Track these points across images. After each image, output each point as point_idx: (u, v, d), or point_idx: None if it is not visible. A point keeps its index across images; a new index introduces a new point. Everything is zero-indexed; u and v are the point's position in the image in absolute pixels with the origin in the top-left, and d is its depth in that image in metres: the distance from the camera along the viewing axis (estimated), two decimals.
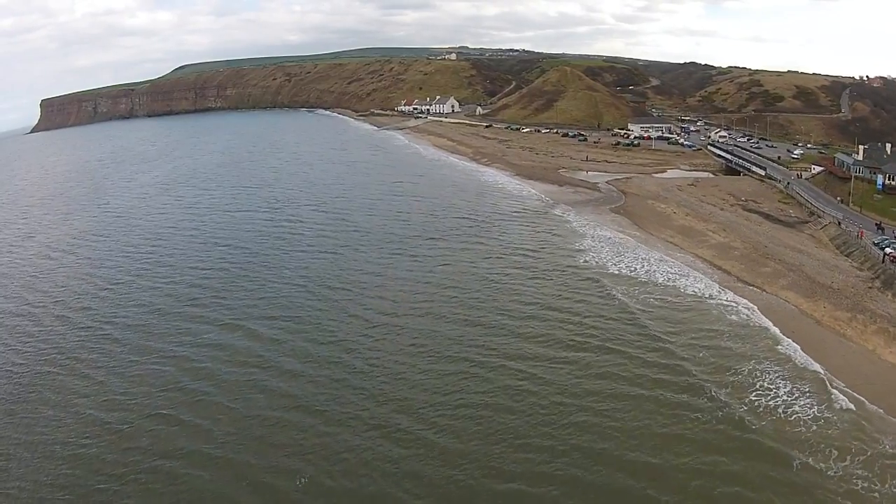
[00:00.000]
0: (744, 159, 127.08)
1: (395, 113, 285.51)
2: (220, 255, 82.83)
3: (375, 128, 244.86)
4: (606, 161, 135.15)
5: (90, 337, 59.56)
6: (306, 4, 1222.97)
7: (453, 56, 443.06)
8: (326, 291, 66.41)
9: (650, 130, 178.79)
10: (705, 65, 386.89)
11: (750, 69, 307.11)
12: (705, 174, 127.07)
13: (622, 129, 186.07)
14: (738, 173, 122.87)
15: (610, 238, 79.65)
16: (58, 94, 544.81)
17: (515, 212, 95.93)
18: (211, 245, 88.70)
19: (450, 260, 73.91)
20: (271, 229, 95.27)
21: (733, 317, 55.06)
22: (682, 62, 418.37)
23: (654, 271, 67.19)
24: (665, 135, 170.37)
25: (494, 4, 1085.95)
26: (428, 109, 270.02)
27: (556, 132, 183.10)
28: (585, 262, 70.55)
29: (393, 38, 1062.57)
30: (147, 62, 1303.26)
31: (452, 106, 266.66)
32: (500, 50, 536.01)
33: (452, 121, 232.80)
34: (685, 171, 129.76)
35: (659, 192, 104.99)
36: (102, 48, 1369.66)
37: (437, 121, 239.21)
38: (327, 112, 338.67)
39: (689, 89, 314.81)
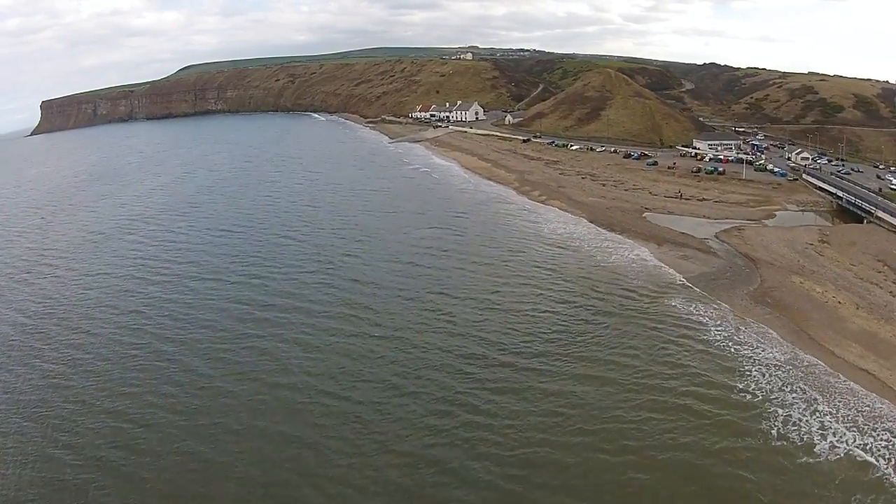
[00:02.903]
0: (860, 198, 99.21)
1: (410, 120, 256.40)
2: (153, 390, 52.58)
3: (388, 138, 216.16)
4: (697, 199, 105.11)
5: None
6: (313, 4, 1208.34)
7: (469, 56, 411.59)
8: None
9: (719, 149, 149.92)
10: (725, 65, 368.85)
11: (779, 71, 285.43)
12: (818, 218, 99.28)
13: (686, 146, 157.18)
14: (856, 216, 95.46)
15: (781, 365, 50.75)
16: (59, 96, 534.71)
17: (617, 297, 65.94)
18: (146, 360, 58.39)
19: (545, 420, 44.62)
20: (245, 328, 63.35)
21: None
22: (700, 63, 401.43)
23: (881, 449, 40.15)
24: (746, 156, 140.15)
25: (502, 4, 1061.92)
26: (448, 116, 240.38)
27: (615, 151, 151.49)
28: (778, 434, 41.60)
29: (401, 38, 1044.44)
30: (154, 62, 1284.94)
31: (476, 113, 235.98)
32: (511, 50, 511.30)
33: (479, 132, 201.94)
34: (795, 213, 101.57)
35: (796, 257, 76.13)
36: (109, 48, 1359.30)
37: (460, 131, 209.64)
38: (333, 117, 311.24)
39: (721, 93, 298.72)
